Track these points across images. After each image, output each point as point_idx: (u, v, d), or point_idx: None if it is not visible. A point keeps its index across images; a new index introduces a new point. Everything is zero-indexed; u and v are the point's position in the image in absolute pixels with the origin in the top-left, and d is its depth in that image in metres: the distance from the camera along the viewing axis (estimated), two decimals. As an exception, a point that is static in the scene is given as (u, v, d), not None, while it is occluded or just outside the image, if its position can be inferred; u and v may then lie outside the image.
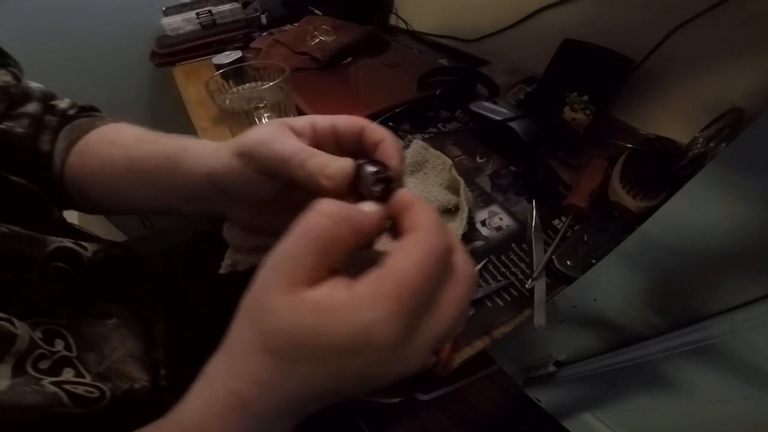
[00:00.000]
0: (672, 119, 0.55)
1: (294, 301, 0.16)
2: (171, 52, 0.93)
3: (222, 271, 0.36)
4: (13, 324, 0.24)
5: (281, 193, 0.26)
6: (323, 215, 0.17)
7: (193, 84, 0.83)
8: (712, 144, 0.44)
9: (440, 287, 0.18)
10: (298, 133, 0.24)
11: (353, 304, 0.16)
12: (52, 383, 0.25)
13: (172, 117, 1.09)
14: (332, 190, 0.20)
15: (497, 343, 0.36)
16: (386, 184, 0.20)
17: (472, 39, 0.81)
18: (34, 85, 0.37)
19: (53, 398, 0.24)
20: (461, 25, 0.84)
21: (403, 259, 0.16)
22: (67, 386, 0.26)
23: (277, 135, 0.23)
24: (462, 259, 0.19)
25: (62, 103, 0.38)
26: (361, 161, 0.21)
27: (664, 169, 0.45)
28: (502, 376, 0.85)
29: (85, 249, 0.32)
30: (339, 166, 0.21)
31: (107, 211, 0.39)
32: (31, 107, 0.35)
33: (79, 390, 0.26)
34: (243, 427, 0.17)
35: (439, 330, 0.18)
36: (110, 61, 1.07)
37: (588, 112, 0.53)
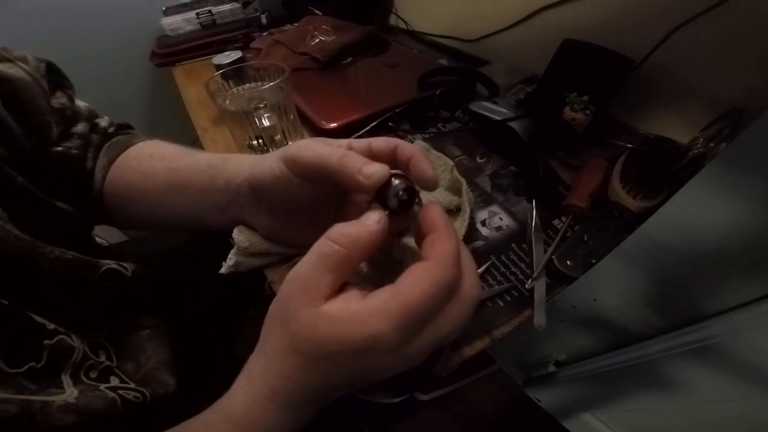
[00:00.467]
0: (672, 119, 0.55)
1: (315, 314, 0.20)
2: (171, 52, 0.93)
3: (223, 270, 0.37)
4: (71, 338, 0.27)
5: (313, 205, 0.29)
6: (337, 241, 0.21)
7: (193, 84, 0.83)
8: (712, 144, 0.43)
9: (441, 308, 0.21)
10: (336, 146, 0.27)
11: (365, 315, 0.19)
12: (108, 389, 0.28)
13: (172, 117, 1.09)
14: (367, 189, 0.23)
15: (497, 343, 0.36)
16: (409, 197, 0.24)
17: (472, 39, 0.81)
18: (82, 104, 0.39)
19: (113, 403, 0.27)
20: (461, 25, 0.84)
21: (412, 284, 0.20)
22: (121, 391, 0.28)
23: (319, 141, 0.27)
24: (469, 284, 0.22)
25: (103, 122, 0.40)
26: (392, 171, 0.24)
27: (664, 169, 0.45)
28: (502, 376, 0.85)
29: (126, 269, 0.35)
30: (376, 168, 0.23)
31: (141, 225, 0.42)
32: (80, 127, 0.37)
33: (130, 396, 0.29)
34: (279, 414, 0.21)
35: (434, 340, 0.21)
36: (110, 61, 1.07)
37: (588, 112, 0.53)
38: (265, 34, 0.96)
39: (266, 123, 0.52)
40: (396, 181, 0.23)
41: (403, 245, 0.28)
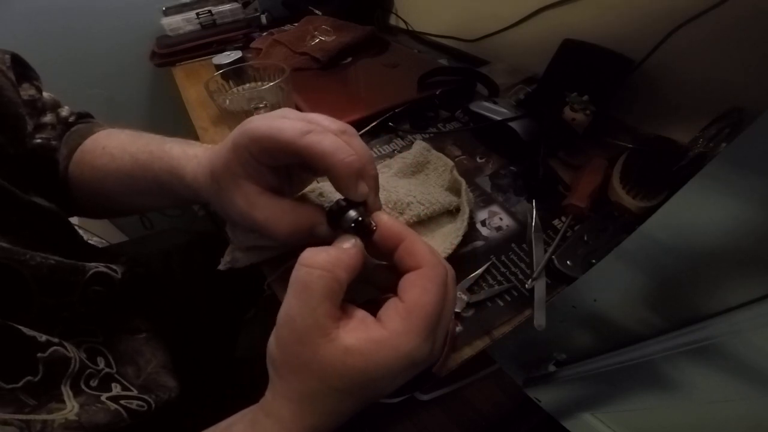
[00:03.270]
0: (672, 119, 0.55)
1: (340, 350, 0.19)
2: (171, 52, 0.93)
3: (221, 267, 0.37)
4: (65, 347, 0.26)
5: (273, 182, 0.27)
6: (318, 267, 0.20)
7: (193, 84, 0.83)
8: (712, 144, 0.43)
9: (446, 302, 0.22)
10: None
11: (394, 340, 0.19)
12: (110, 399, 0.27)
13: (172, 117, 1.09)
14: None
15: (497, 343, 0.36)
16: (365, 228, 0.23)
17: (472, 39, 0.81)
18: (46, 94, 0.38)
19: (117, 415, 0.26)
20: (461, 25, 0.84)
21: (423, 294, 0.20)
22: (123, 402, 0.28)
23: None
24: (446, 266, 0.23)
25: (64, 111, 0.39)
26: (334, 207, 0.24)
27: (664, 169, 0.45)
28: (502, 376, 0.85)
29: (116, 272, 0.34)
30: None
31: (114, 212, 0.40)
32: (49, 117, 0.36)
33: (133, 405, 0.28)
34: None
35: (446, 329, 0.22)
36: (110, 61, 1.07)
37: (588, 112, 0.53)
38: (265, 34, 0.96)
39: (266, 123, 0.52)
40: (351, 214, 0.23)
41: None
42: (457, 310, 0.37)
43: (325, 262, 0.20)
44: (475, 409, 0.94)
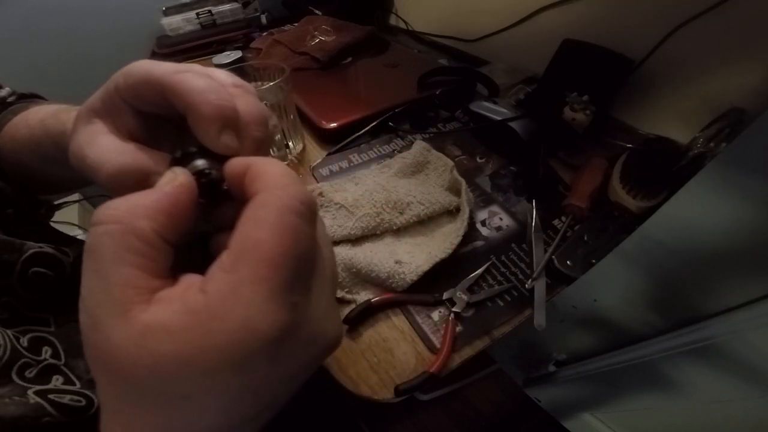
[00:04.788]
0: (672, 119, 0.55)
1: (137, 330, 0.12)
2: (171, 52, 0.94)
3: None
4: None
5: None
6: (105, 222, 0.14)
7: (193, 84, 0.83)
8: (712, 144, 0.44)
9: (310, 239, 0.15)
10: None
11: (215, 306, 0.13)
12: (37, 393, 0.25)
13: (172, 117, 1.09)
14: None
15: (497, 343, 0.36)
16: (212, 183, 0.17)
17: (472, 39, 0.81)
18: None
19: (37, 409, 0.24)
20: (461, 25, 0.84)
21: (255, 229, 0.13)
22: (52, 396, 0.25)
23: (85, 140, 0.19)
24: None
25: (2, 92, 0.37)
26: (180, 154, 0.18)
27: (664, 169, 0.45)
28: (502, 376, 0.85)
29: (67, 254, 0.31)
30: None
31: (38, 188, 0.37)
32: None
33: (65, 399, 0.26)
34: None
35: (328, 283, 0.16)
36: (110, 61, 1.07)
37: (588, 112, 0.53)
38: (265, 34, 0.96)
39: (266, 123, 0.52)
40: (200, 162, 0.17)
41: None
42: (457, 310, 0.37)
43: (114, 213, 0.14)
44: (475, 409, 0.94)
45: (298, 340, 0.14)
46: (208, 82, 0.18)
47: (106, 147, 0.19)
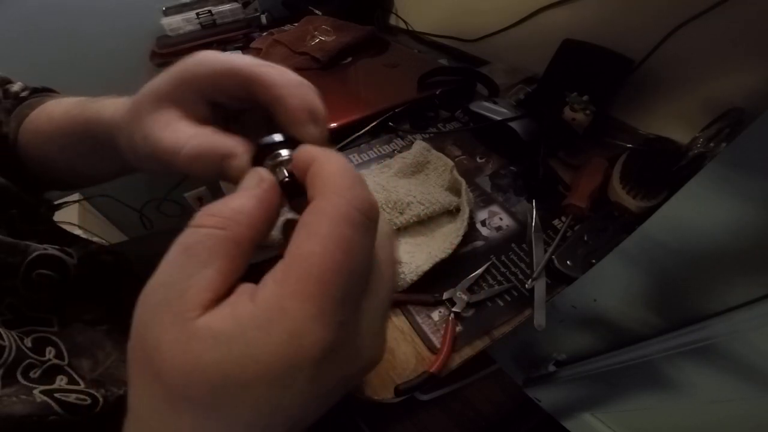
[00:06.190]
0: (672, 119, 0.55)
1: (186, 334, 0.12)
2: (171, 52, 0.93)
3: None
4: (0, 336, 0.24)
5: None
6: (206, 224, 0.14)
7: (193, 84, 0.83)
8: (712, 144, 0.43)
9: (367, 252, 0.14)
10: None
11: (261, 316, 0.12)
12: (43, 392, 0.25)
13: (172, 117, 1.09)
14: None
15: (497, 343, 0.36)
16: (294, 186, 0.16)
17: (472, 39, 0.81)
18: None
19: (43, 407, 0.24)
20: (461, 25, 0.84)
21: (307, 240, 0.13)
22: (58, 395, 0.25)
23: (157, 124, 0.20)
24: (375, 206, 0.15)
25: (15, 86, 0.37)
26: (267, 141, 0.18)
27: (664, 169, 0.45)
28: (502, 376, 0.85)
29: (71, 255, 0.31)
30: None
31: (63, 183, 0.37)
32: None
33: (71, 398, 0.26)
34: None
35: (380, 304, 0.15)
36: (110, 61, 1.07)
37: (588, 112, 0.53)
38: (265, 34, 0.96)
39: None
40: (285, 151, 0.17)
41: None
42: (457, 310, 0.37)
43: (218, 219, 0.14)
44: (475, 409, 0.94)
45: (340, 360, 0.13)
46: (294, 76, 0.19)
47: (183, 131, 0.20)
